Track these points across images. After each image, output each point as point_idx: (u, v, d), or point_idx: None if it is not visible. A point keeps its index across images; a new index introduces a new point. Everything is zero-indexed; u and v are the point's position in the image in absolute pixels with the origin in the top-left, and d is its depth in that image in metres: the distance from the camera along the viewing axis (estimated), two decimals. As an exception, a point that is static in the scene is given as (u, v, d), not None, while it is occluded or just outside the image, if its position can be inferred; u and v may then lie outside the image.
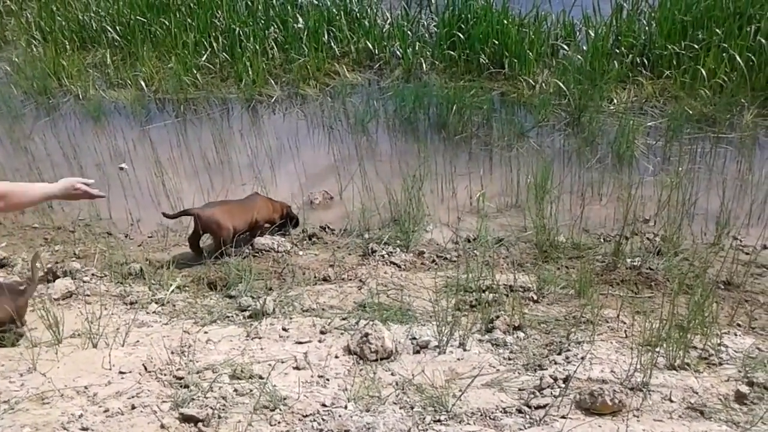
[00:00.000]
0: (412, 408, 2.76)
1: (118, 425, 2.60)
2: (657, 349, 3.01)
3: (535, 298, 3.68)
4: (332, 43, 7.10)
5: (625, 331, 3.30)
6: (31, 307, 3.63)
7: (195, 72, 6.81)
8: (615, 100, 5.87)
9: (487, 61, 6.47)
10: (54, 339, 3.23)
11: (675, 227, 4.18)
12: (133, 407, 2.71)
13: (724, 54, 5.85)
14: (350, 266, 4.14)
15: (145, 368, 3.00)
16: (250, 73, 6.70)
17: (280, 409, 2.72)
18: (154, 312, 3.62)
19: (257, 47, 6.94)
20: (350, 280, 4.00)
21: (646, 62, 6.21)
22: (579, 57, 6.30)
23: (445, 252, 4.28)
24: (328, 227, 4.67)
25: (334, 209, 4.94)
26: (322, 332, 3.36)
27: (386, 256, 4.21)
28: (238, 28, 7.15)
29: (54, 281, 3.91)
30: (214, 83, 6.79)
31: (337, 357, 3.13)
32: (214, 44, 7.09)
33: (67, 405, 2.75)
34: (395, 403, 2.79)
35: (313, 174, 5.37)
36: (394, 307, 3.59)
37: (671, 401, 2.74)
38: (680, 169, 4.81)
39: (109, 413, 2.68)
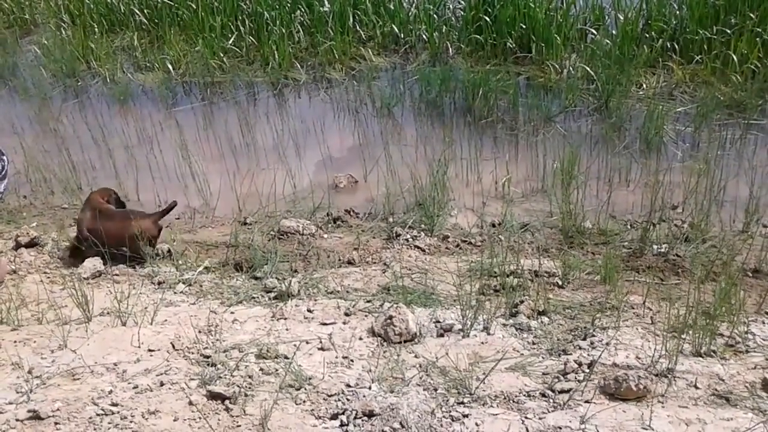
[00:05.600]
0: (435, 390, 2.78)
1: (147, 401, 2.66)
2: (683, 336, 3.00)
3: (560, 283, 3.67)
4: (358, 27, 7.08)
5: (651, 317, 3.28)
6: (62, 286, 3.72)
7: (221, 55, 6.83)
8: (644, 86, 5.79)
9: (513, 45, 6.41)
10: (84, 317, 3.29)
11: (703, 214, 4.14)
12: (162, 384, 2.77)
13: (757, 39, 5.73)
14: (374, 249, 4.16)
15: (173, 346, 3.05)
16: (276, 56, 6.71)
17: (305, 389, 2.76)
18: (181, 292, 3.67)
19: (283, 31, 6.94)
20: (374, 263, 4.01)
21: (676, 47, 6.10)
22: (608, 41, 6.21)
23: (469, 237, 4.27)
24: (353, 211, 4.68)
25: (358, 193, 4.96)
26: (346, 314, 3.38)
27: (410, 240, 4.22)
28: (264, 12, 7.15)
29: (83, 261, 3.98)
30: (240, 67, 6.81)
31: (361, 339, 3.15)
32: (241, 28, 7.10)
33: (97, 381, 2.82)
34: (419, 385, 2.82)
35: (338, 157, 5.39)
36: (418, 291, 3.60)
37: (697, 388, 2.73)
38: (709, 155, 4.73)
39: (138, 389, 2.74)
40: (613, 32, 6.37)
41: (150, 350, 3.02)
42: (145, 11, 7.64)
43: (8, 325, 3.29)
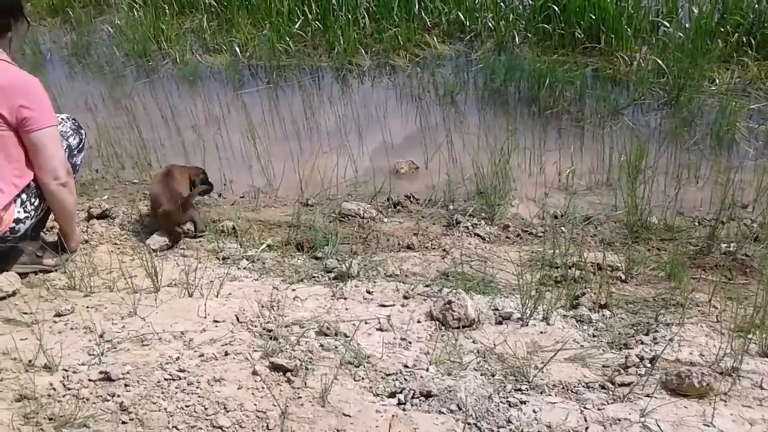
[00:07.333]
0: (493, 376, 2.79)
1: (213, 369, 2.74)
2: (749, 336, 2.92)
3: (624, 278, 3.62)
4: (423, 14, 7.07)
5: (717, 316, 3.20)
6: (132, 257, 3.86)
7: (288, 39, 6.93)
8: (717, 81, 5.63)
9: (582, 35, 6.31)
10: (153, 287, 3.40)
11: (775, 214, 4.02)
12: (227, 354, 2.85)
13: (840, 35, 5.51)
14: (434, 236, 4.17)
15: (237, 319, 3.13)
16: (341, 42, 6.76)
17: (364, 366, 2.80)
18: (245, 268, 3.75)
19: (349, 16, 7.00)
20: (434, 249, 4.03)
21: (752, 42, 5.91)
22: (680, 34, 6.05)
23: (530, 227, 4.24)
24: (413, 196, 4.69)
25: (419, 179, 4.97)
26: (405, 297, 3.41)
27: (470, 227, 4.21)
28: (331, -3, 7.22)
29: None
30: (305, 51, 6.90)
31: (419, 322, 3.18)
32: (308, 12, 7.19)
33: (164, 348, 2.92)
34: (476, 370, 2.82)
35: (399, 143, 5.41)
36: (477, 278, 3.60)
37: (762, 388, 2.66)
38: (784, 154, 4.59)
39: (204, 358, 2.82)
40: (687, 25, 6.21)
41: (215, 321, 3.11)
42: (215, -6, 7.80)
43: (81, 291, 3.43)
